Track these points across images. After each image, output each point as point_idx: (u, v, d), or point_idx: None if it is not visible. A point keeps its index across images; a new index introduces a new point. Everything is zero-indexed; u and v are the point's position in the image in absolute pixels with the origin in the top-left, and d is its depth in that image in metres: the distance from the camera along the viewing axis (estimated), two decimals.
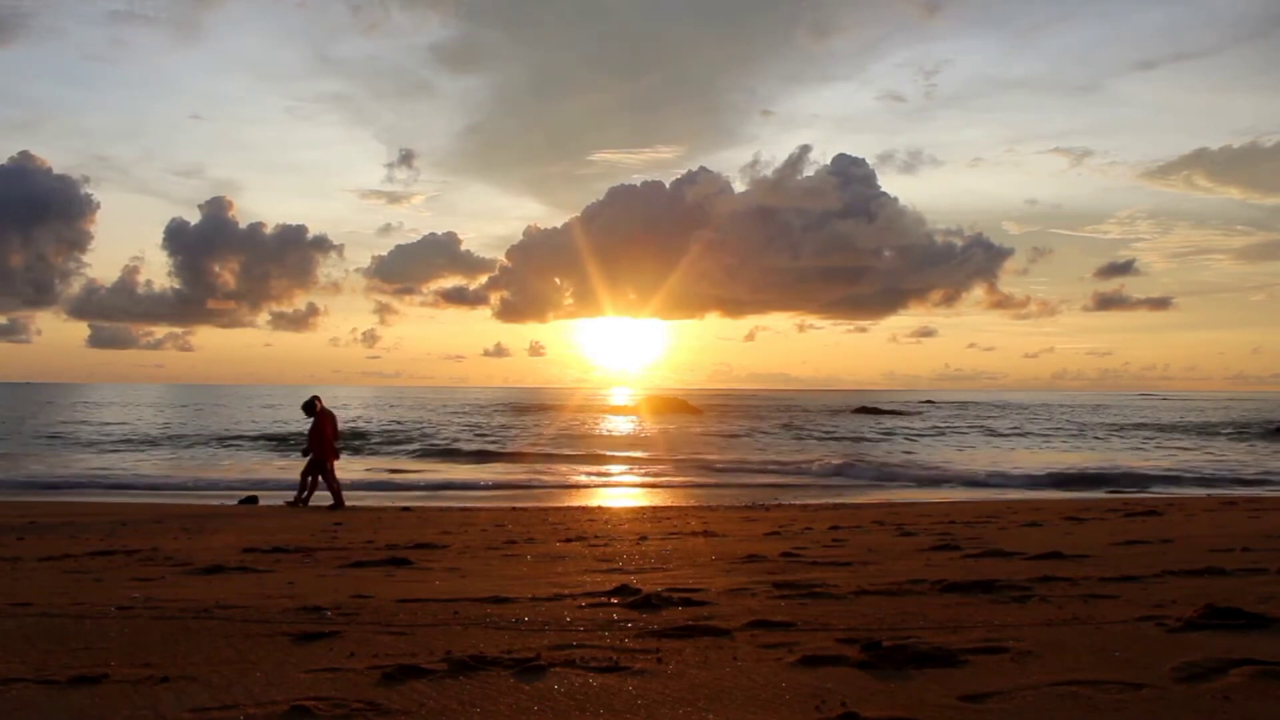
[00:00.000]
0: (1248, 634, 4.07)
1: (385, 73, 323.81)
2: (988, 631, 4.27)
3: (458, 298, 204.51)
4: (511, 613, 4.88)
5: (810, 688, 3.40)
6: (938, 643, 3.97)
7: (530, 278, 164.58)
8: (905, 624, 4.49)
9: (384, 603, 5.24)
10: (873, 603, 5.14)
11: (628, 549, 8.42)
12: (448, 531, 10.42)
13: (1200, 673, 3.45)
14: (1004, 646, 3.91)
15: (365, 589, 5.85)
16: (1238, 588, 5.31)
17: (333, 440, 15.13)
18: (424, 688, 3.42)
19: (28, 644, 4.14)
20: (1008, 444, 41.23)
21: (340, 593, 5.69)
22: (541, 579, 6.35)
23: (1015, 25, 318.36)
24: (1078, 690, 3.30)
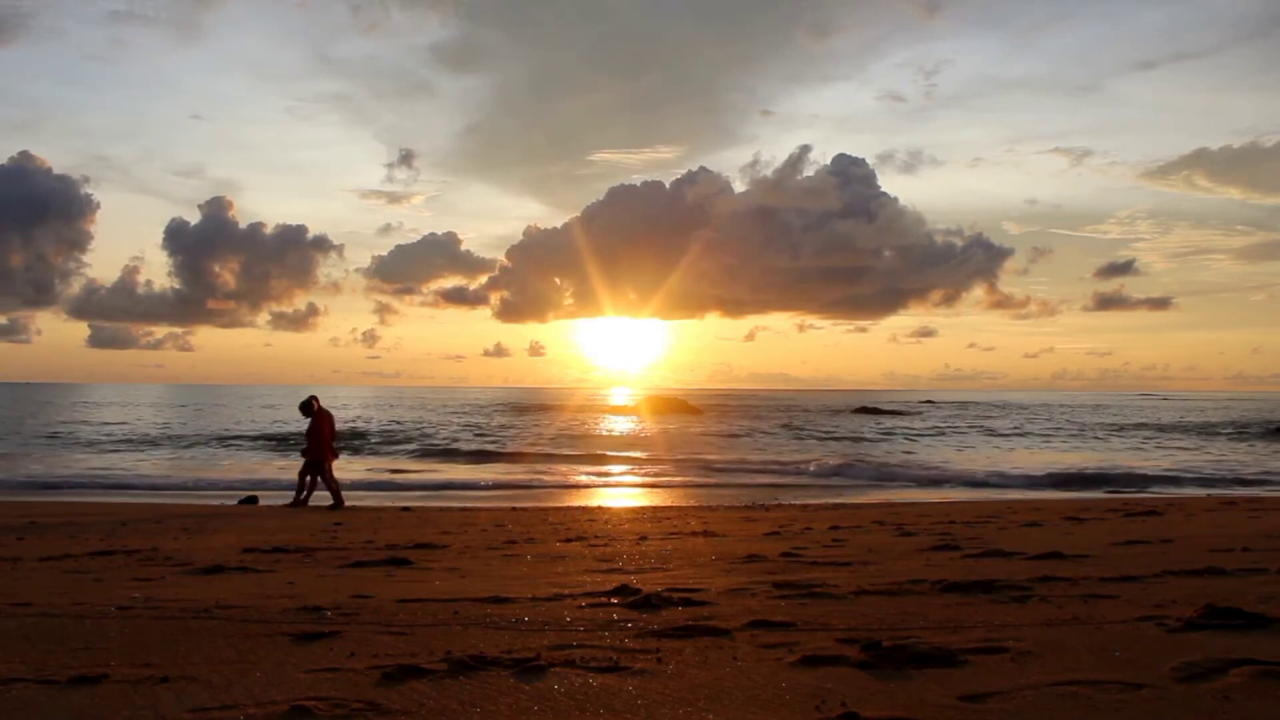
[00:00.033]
0: (1248, 634, 4.07)
1: (385, 73, 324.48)
2: (988, 631, 4.27)
3: (458, 298, 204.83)
4: (511, 613, 4.88)
5: (810, 688, 3.40)
6: (938, 643, 3.97)
7: (530, 278, 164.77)
8: (905, 624, 4.49)
9: (384, 603, 5.24)
10: (873, 603, 5.14)
11: (628, 549, 8.42)
12: (448, 531, 10.42)
13: (1200, 673, 3.45)
14: (1004, 646, 3.91)
15: (365, 589, 5.85)
16: (1238, 588, 5.31)
17: (330, 440, 15.14)
18: (424, 688, 3.42)
19: (28, 644, 4.14)
20: (1007, 444, 41.23)
21: (340, 593, 5.69)
22: (541, 579, 6.35)
23: (1015, 25, 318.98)
24: (1078, 690, 3.31)
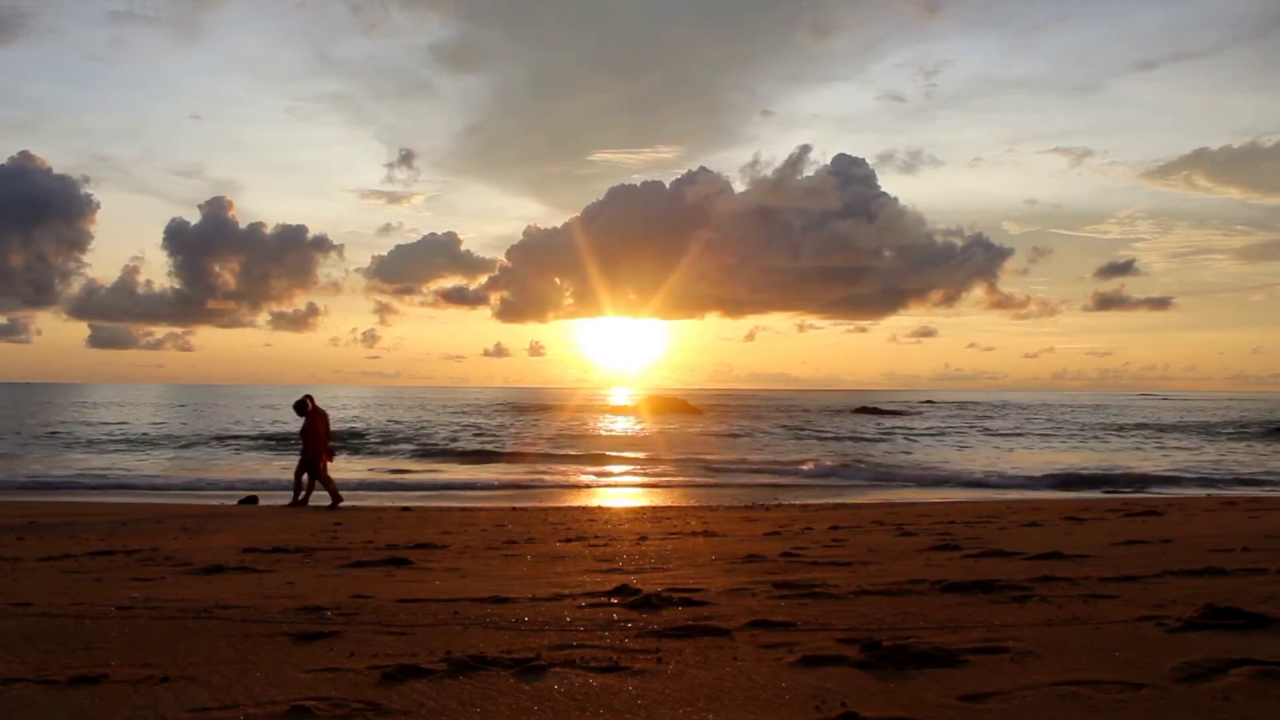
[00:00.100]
0: (1248, 634, 4.07)
1: (385, 73, 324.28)
2: (988, 631, 4.27)
3: (458, 298, 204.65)
4: (511, 613, 4.88)
5: (810, 688, 3.40)
6: (938, 643, 3.97)
7: (530, 278, 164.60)
8: (905, 624, 4.49)
9: (384, 603, 5.24)
10: (873, 603, 5.14)
11: (628, 549, 8.42)
12: (448, 531, 10.42)
13: (1200, 673, 3.45)
14: (1004, 646, 3.91)
15: (365, 589, 5.85)
16: (1238, 588, 5.31)
17: (326, 440, 15.10)
18: (424, 688, 3.42)
19: (28, 644, 4.14)
20: (1007, 444, 41.19)
21: (340, 593, 5.70)
22: (541, 579, 6.35)
23: (1015, 25, 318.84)
24: (1078, 690, 3.31)
